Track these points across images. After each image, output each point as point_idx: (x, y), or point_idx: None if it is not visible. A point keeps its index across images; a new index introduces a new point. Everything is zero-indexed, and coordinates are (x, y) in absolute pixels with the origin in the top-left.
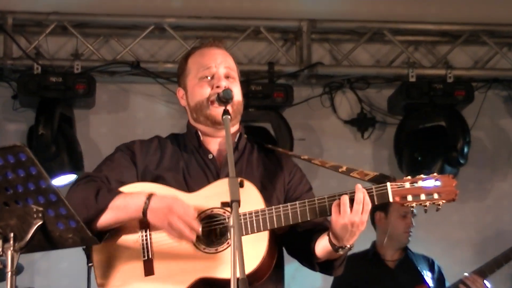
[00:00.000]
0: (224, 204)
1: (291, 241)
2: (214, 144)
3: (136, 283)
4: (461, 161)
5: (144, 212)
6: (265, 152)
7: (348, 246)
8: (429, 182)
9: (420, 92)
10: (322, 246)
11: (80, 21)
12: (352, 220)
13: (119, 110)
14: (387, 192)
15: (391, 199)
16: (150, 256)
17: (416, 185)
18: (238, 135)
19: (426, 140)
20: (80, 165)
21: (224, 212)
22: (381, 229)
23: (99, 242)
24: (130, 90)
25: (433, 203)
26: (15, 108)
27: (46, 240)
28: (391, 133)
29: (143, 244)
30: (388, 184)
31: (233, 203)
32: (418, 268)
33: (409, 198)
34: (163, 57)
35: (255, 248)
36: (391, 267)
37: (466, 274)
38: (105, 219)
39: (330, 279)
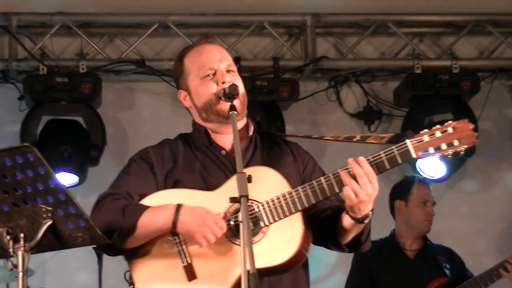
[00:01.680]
0: (233, 200)
1: (315, 230)
2: (224, 140)
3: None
4: (470, 153)
5: (174, 224)
6: (278, 144)
7: (370, 213)
8: (446, 131)
9: (426, 83)
10: (346, 224)
11: (84, 21)
12: (366, 192)
13: (125, 109)
14: (408, 149)
15: (414, 155)
16: (189, 261)
17: (434, 136)
18: (249, 128)
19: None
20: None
21: (252, 203)
22: (401, 217)
23: (109, 240)
24: (136, 89)
25: (455, 150)
26: (21, 109)
27: (56, 240)
28: (398, 125)
29: (179, 250)
30: (408, 141)
31: (241, 199)
32: (438, 259)
33: (431, 150)
34: (168, 55)
35: (291, 231)
36: (411, 257)
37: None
38: (135, 237)
39: (348, 264)
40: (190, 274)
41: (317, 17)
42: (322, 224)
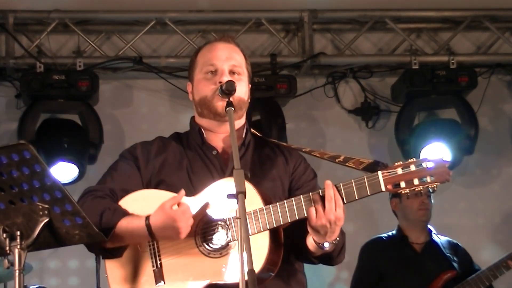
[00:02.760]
0: (231, 196)
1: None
2: (218, 140)
3: None
4: (472, 149)
5: (150, 231)
6: (270, 147)
7: (333, 242)
8: (421, 165)
9: (423, 79)
10: (310, 242)
11: (81, 18)
12: (329, 218)
13: (123, 106)
14: (378, 181)
15: (383, 188)
16: (159, 265)
17: (408, 169)
18: (244, 130)
19: (436, 128)
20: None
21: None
22: (400, 214)
23: (106, 237)
24: (133, 86)
25: (427, 187)
26: (19, 107)
27: (53, 237)
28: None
29: (151, 254)
30: (379, 172)
31: (239, 195)
32: (445, 253)
33: (402, 184)
34: (165, 52)
35: (256, 251)
36: (418, 251)
37: None
38: (111, 241)
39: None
40: (159, 278)
41: (314, 13)
42: (292, 234)
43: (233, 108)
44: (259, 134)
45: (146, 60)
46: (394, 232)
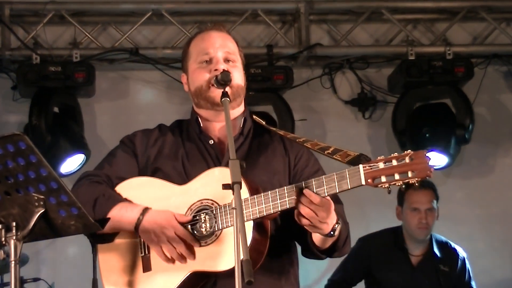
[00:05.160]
0: (226, 186)
1: (296, 234)
2: (215, 129)
3: (135, 279)
4: (467, 138)
5: (137, 228)
6: (271, 136)
7: (336, 225)
8: (403, 160)
9: (420, 70)
10: (316, 236)
11: (77, 9)
12: (311, 216)
13: (119, 97)
14: (359, 175)
15: (363, 182)
16: (147, 253)
17: (390, 164)
18: (242, 119)
19: (431, 117)
20: (83, 144)
21: (212, 204)
22: (402, 223)
23: (102, 228)
24: (130, 77)
25: (408, 182)
26: (15, 99)
27: (49, 228)
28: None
29: (141, 241)
30: (361, 166)
31: (234, 185)
32: (439, 270)
33: (383, 179)
34: (161, 43)
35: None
36: (414, 264)
37: None
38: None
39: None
40: (146, 265)
41: (310, 4)
42: (298, 232)
43: (228, 99)
44: (262, 122)
45: (142, 51)
46: (396, 232)
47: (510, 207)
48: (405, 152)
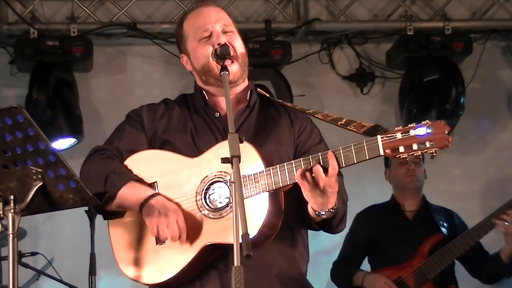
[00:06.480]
0: (224, 160)
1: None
2: (222, 102)
3: (148, 252)
4: (456, 112)
5: (141, 208)
6: (276, 108)
7: (330, 210)
8: (421, 130)
9: (418, 45)
10: (310, 209)
11: None
12: (325, 183)
13: (117, 72)
14: (377, 146)
15: (381, 152)
16: None
17: (407, 134)
18: (249, 91)
19: (423, 93)
20: (79, 129)
21: (226, 175)
22: (392, 183)
23: (99, 202)
24: (128, 52)
25: (426, 152)
26: (12, 73)
27: (47, 202)
28: (391, 87)
29: None
30: (379, 137)
31: (233, 159)
32: (435, 218)
33: (401, 149)
34: (159, 18)
35: (256, 212)
36: (409, 218)
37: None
38: (112, 204)
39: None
40: (159, 239)
41: None
42: (295, 200)
43: (227, 72)
44: (266, 94)
45: (140, 26)
46: (388, 201)
47: (508, 182)
48: (423, 122)
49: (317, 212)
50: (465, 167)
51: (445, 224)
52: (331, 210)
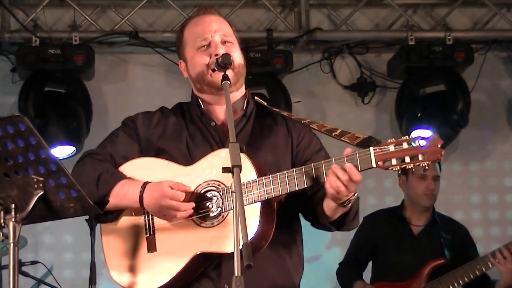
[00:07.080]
0: (225, 170)
1: (304, 206)
2: (218, 112)
3: (140, 259)
4: (461, 123)
5: (141, 202)
6: (273, 116)
7: (353, 197)
8: (414, 143)
9: (420, 55)
10: (328, 205)
11: None
12: (346, 184)
13: (118, 80)
14: (370, 157)
15: (373, 165)
16: (152, 233)
17: (400, 147)
18: (246, 100)
19: (427, 103)
20: (78, 137)
21: (219, 185)
22: (405, 193)
23: (101, 210)
24: (129, 61)
25: (418, 165)
26: (14, 81)
27: (48, 210)
28: (392, 97)
29: (145, 221)
30: (371, 148)
31: (234, 168)
32: (441, 239)
33: (394, 162)
34: (161, 26)
35: (247, 221)
36: (415, 234)
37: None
38: (108, 204)
39: (343, 239)
40: (151, 246)
41: None
42: (309, 201)
43: (229, 82)
44: (264, 103)
45: (142, 34)
46: (396, 207)
47: (508, 193)
48: (416, 135)
49: (342, 203)
50: (465, 177)
51: (450, 245)
52: (354, 198)
